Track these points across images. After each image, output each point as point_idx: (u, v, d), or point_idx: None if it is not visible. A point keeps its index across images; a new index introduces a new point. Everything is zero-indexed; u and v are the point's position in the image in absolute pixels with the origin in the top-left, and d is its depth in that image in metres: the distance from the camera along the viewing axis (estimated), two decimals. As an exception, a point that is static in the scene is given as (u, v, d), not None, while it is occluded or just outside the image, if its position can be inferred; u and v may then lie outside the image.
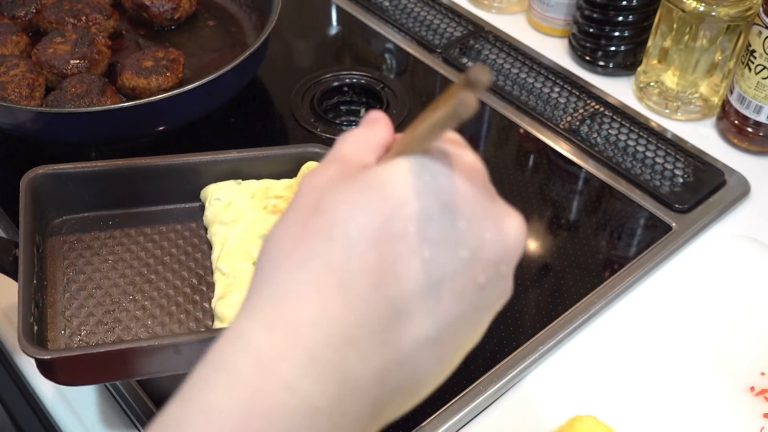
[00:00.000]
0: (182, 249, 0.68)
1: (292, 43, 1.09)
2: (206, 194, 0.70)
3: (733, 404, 0.66)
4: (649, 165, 0.88)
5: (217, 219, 0.67)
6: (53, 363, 0.55)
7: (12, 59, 0.86)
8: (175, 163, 0.69)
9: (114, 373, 0.58)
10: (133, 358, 0.55)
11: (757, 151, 0.91)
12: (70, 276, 0.65)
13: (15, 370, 0.73)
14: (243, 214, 0.67)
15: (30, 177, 0.65)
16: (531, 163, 0.91)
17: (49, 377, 0.57)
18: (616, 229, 0.83)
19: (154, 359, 0.56)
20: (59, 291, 0.63)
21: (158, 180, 0.69)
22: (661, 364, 0.69)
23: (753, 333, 0.71)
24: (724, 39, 0.88)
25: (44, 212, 0.68)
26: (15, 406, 0.86)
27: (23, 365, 0.70)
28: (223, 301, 0.61)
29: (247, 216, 0.67)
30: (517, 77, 0.99)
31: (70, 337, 0.61)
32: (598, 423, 0.63)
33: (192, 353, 0.56)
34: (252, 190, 0.69)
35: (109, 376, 0.59)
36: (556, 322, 0.72)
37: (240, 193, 0.69)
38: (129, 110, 0.79)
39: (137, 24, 1.00)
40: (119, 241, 0.68)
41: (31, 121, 0.81)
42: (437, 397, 0.66)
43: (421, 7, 1.11)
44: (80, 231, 0.68)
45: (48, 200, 0.66)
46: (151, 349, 0.55)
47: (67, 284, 0.64)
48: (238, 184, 0.70)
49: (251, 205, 0.68)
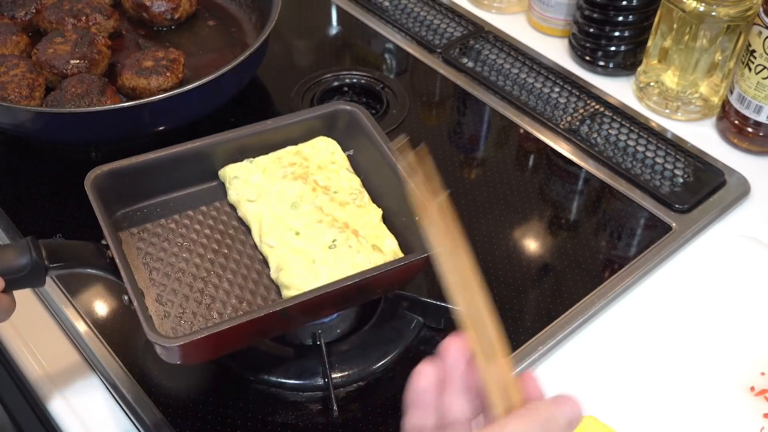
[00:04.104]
0: (219, 228, 0.70)
1: (292, 43, 1.09)
2: (224, 175, 0.73)
3: (733, 404, 0.66)
4: (649, 165, 0.88)
5: (243, 197, 0.70)
6: (182, 348, 0.57)
7: (12, 59, 0.87)
8: (193, 147, 0.71)
9: (231, 345, 0.63)
10: (249, 328, 0.59)
11: (757, 151, 0.91)
12: (150, 264, 0.67)
13: (15, 371, 0.73)
14: (267, 189, 0.70)
15: (93, 177, 0.67)
16: (531, 163, 0.91)
17: (172, 360, 0.59)
18: (616, 229, 0.83)
19: (266, 326, 0.61)
20: (145, 279, 0.66)
21: (181, 166, 0.72)
22: (661, 364, 0.69)
23: (753, 333, 0.72)
24: (724, 39, 0.88)
25: (110, 208, 0.69)
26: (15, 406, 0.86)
27: (24, 365, 0.70)
28: (284, 272, 0.65)
29: (271, 190, 0.70)
30: (517, 77, 0.99)
31: (176, 320, 0.63)
32: (598, 423, 0.63)
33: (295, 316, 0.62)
34: (264, 165, 0.73)
35: (227, 349, 0.63)
36: (556, 322, 0.72)
37: (255, 169, 0.72)
38: (129, 110, 0.79)
39: (137, 24, 1.00)
40: (172, 227, 0.70)
41: (31, 121, 0.81)
42: (437, 397, 0.66)
43: (421, 7, 1.11)
44: (142, 222, 0.70)
45: (110, 196, 0.67)
46: (266, 318, 0.58)
47: (151, 273, 0.67)
48: (251, 163, 0.73)
49: (269, 178, 0.71)
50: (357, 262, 0.65)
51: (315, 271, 0.65)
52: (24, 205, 0.82)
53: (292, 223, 0.68)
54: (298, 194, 0.70)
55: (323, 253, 0.66)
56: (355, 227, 0.68)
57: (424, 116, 0.96)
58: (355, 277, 0.61)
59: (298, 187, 0.70)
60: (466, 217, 0.82)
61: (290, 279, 0.64)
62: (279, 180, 0.71)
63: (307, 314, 0.64)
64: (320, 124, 0.76)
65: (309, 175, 0.72)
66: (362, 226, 0.68)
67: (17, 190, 0.85)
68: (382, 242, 0.68)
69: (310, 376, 0.67)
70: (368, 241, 0.67)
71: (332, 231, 0.67)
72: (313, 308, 0.63)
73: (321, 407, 0.66)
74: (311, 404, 0.66)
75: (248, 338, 0.64)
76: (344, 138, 0.76)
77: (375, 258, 0.66)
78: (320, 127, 0.76)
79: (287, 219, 0.68)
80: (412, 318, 0.71)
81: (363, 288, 0.63)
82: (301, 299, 0.60)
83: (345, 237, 0.67)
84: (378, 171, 0.72)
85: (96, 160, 0.89)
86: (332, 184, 0.71)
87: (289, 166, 0.72)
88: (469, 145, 0.94)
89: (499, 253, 0.79)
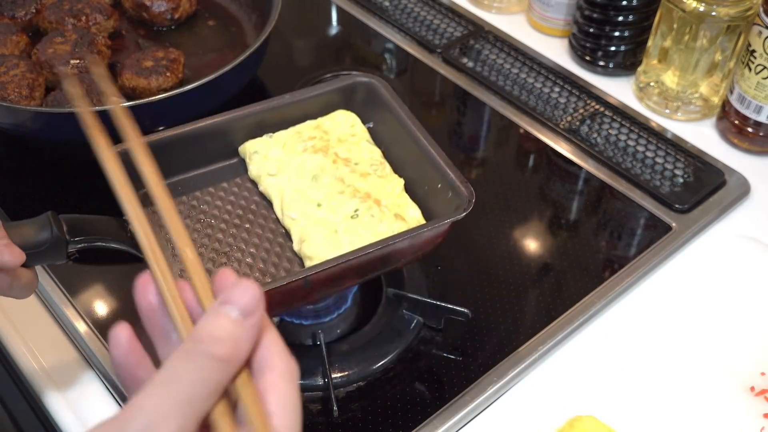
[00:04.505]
0: (241, 204, 0.71)
1: (292, 43, 1.09)
2: (244, 150, 0.73)
3: (733, 404, 0.66)
4: (649, 165, 0.88)
5: (264, 172, 0.71)
6: None
7: (12, 59, 0.86)
8: (211, 124, 0.71)
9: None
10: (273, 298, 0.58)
11: (757, 151, 0.91)
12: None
13: (14, 369, 0.73)
14: (287, 163, 0.71)
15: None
16: (531, 163, 0.91)
17: None
18: (616, 229, 0.83)
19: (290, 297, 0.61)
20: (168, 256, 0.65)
21: (200, 143, 0.71)
22: (661, 364, 0.69)
23: (753, 333, 0.72)
24: (724, 39, 0.88)
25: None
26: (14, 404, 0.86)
27: (23, 364, 0.70)
28: (306, 243, 0.65)
29: (291, 163, 0.70)
30: (517, 77, 0.99)
31: None
32: (598, 423, 0.63)
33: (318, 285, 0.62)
34: (283, 140, 0.73)
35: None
36: (556, 322, 0.72)
37: (275, 144, 0.72)
38: (129, 110, 0.79)
39: (137, 24, 1.00)
40: (194, 204, 0.70)
41: (31, 121, 0.81)
42: (437, 397, 0.66)
43: (421, 7, 1.11)
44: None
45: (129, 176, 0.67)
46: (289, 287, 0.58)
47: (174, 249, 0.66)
48: (271, 138, 0.73)
49: (290, 152, 0.71)
50: (380, 231, 0.65)
51: (337, 240, 0.64)
52: (24, 205, 0.82)
53: (313, 195, 0.68)
54: (318, 167, 0.70)
55: (345, 223, 0.65)
56: (377, 197, 0.67)
57: (424, 116, 0.96)
58: (377, 244, 0.60)
59: (319, 159, 0.70)
60: (466, 216, 0.82)
61: (313, 250, 0.64)
62: (299, 154, 0.71)
63: (331, 284, 0.63)
64: (338, 98, 0.75)
65: (329, 147, 0.71)
66: (384, 196, 0.68)
67: (17, 190, 0.85)
68: (404, 211, 0.67)
69: (310, 376, 0.67)
70: (390, 210, 0.67)
71: (354, 201, 0.67)
72: (337, 277, 0.62)
73: (321, 407, 0.66)
74: (311, 404, 0.66)
75: (272, 309, 0.62)
76: (364, 110, 0.75)
77: (398, 226, 0.65)
78: (339, 101, 0.75)
79: (308, 191, 0.68)
80: (412, 318, 0.71)
81: (386, 256, 0.62)
82: (323, 267, 0.59)
83: (367, 206, 0.66)
84: (399, 142, 0.72)
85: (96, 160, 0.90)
86: (353, 156, 0.71)
87: (309, 140, 0.72)
88: (469, 145, 0.94)
89: (499, 253, 0.79)
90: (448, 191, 0.65)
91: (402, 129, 0.71)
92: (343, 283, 0.65)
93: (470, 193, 0.63)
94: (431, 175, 0.67)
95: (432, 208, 0.68)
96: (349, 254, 0.59)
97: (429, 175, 0.68)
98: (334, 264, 0.59)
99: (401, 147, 0.71)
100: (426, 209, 0.68)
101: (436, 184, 0.67)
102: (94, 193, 0.84)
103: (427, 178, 0.68)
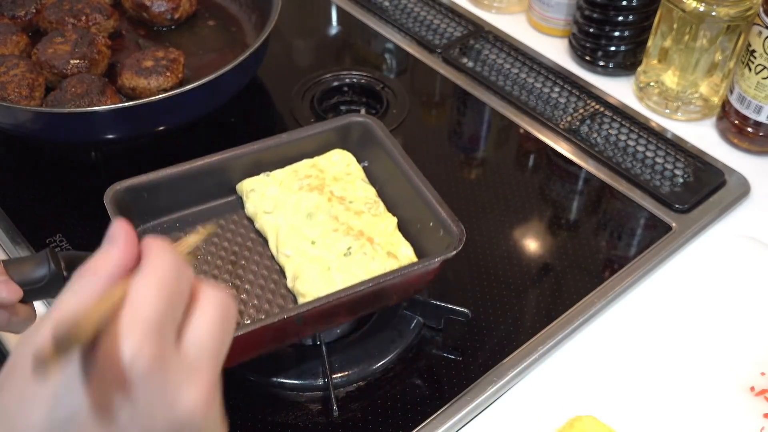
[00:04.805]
0: (237, 241, 0.71)
1: (292, 43, 1.09)
2: (242, 188, 0.74)
3: (733, 404, 0.66)
4: (649, 165, 0.88)
5: (260, 209, 0.71)
6: None
7: (12, 59, 0.86)
8: (210, 162, 0.72)
9: (247, 352, 0.63)
10: (265, 335, 0.60)
11: (757, 151, 0.91)
12: None
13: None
14: (283, 201, 0.71)
15: (112, 193, 0.67)
16: (531, 163, 0.91)
17: None
18: (616, 229, 0.83)
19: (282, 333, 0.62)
20: None
21: (198, 180, 0.72)
22: (661, 364, 0.69)
23: (753, 333, 0.72)
24: (724, 39, 0.88)
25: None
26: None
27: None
28: (300, 280, 0.66)
29: (287, 201, 0.71)
30: (517, 77, 0.99)
31: None
32: (598, 423, 0.63)
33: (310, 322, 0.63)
34: (280, 179, 0.73)
35: (243, 356, 0.63)
36: (556, 322, 0.72)
37: (272, 182, 0.73)
38: (129, 110, 0.79)
39: (137, 24, 1.00)
40: None
41: (31, 121, 0.81)
42: (437, 396, 0.66)
43: (421, 7, 1.11)
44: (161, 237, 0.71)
45: (129, 212, 0.68)
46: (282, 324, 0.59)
47: None
48: (268, 176, 0.74)
49: (286, 190, 0.72)
50: (372, 269, 0.65)
51: (330, 278, 0.65)
52: (24, 205, 0.82)
53: (307, 233, 0.69)
54: (314, 205, 0.71)
55: (338, 261, 0.66)
56: (371, 235, 0.68)
57: (424, 116, 0.96)
58: (369, 282, 0.61)
59: (314, 197, 0.71)
60: (466, 217, 0.82)
61: (306, 287, 0.65)
62: (295, 192, 0.72)
63: (323, 320, 0.64)
64: (334, 137, 0.76)
65: (325, 186, 0.72)
66: (377, 234, 0.69)
67: (17, 190, 0.85)
68: (397, 249, 0.68)
69: (310, 376, 0.67)
70: (383, 248, 0.67)
71: (347, 239, 0.68)
72: (329, 314, 0.63)
73: (321, 407, 0.66)
74: (311, 404, 0.66)
75: (265, 345, 0.64)
76: (359, 149, 0.76)
77: (390, 264, 0.66)
78: (334, 140, 0.76)
79: (303, 228, 0.69)
80: (412, 318, 0.71)
81: (378, 293, 0.63)
82: (315, 305, 0.60)
83: (360, 244, 0.67)
84: (393, 180, 0.73)
85: (96, 160, 0.90)
86: (348, 195, 0.72)
87: (305, 178, 0.73)
88: (469, 145, 0.94)
89: (499, 253, 0.79)
90: (439, 229, 0.66)
91: (395, 168, 0.72)
92: (336, 319, 0.66)
93: (461, 231, 0.64)
94: (423, 214, 0.68)
95: (424, 245, 0.68)
96: (339, 292, 0.60)
97: (421, 213, 0.68)
98: (325, 302, 0.60)
99: (395, 185, 0.72)
100: (418, 247, 0.69)
101: (428, 222, 0.68)
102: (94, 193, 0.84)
103: (419, 216, 0.69)
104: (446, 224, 0.66)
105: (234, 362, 0.63)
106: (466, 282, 0.76)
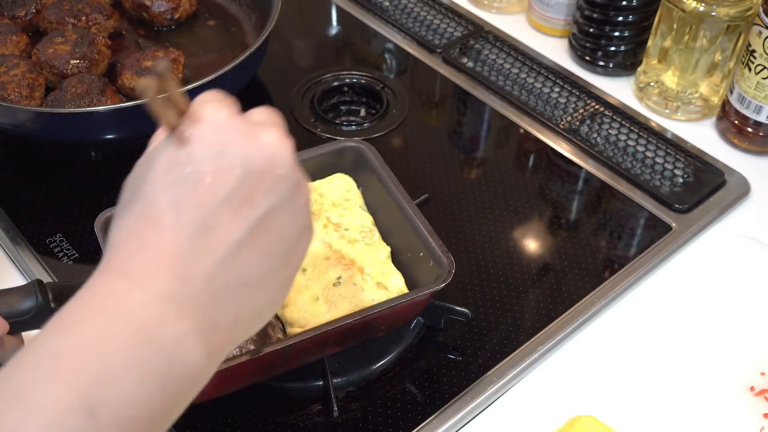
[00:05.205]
0: None
1: (292, 43, 1.09)
2: None
3: (733, 404, 0.66)
4: (649, 165, 0.88)
5: None
6: None
7: (12, 59, 0.86)
8: None
9: (234, 384, 0.63)
10: (252, 367, 0.60)
11: (757, 151, 0.91)
12: None
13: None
14: None
15: (102, 220, 0.66)
16: (531, 163, 0.91)
17: None
18: (616, 229, 0.83)
19: (269, 365, 0.62)
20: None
21: None
22: (661, 364, 0.69)
23: (753, 333, 0.72)
24: (724, 39, 0.88)
25: None
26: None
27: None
28: (289, 309, 0.65)
29: None
30: (517, 77, 0.99)
31: None
32: (598, 423, 0.63)
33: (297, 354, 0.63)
34: None
35: (231, 388, 0.63)
36: (556, 322, 0.72)
37: None
38: (129, 110, 0.79)
39: (137, 24, 1.00)
40: None
41: (31, 121, 0.81)
42: (437, 397, 0.66)
43: (421, 7, 1.11)
44: None
45: None
46: (268, 356, 0.59)
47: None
48: None
49: None
50: (360, 300, 0.65)
51: (318, 307, 0.65)
52: (24, 205, 0.82)
53: None
54: None
55: (327, 291, 0.66)
56: (362, 264, 0.68)
57: (424, 116, 0.96)
58: (356, 314, 0.61)
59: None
60: (466, 217, 0.82)
61: (294, 315, 0.65)
62: None
63: (310, 352, 0.64)
64: (329, 161, 0.75)
65: (322, 211, 0.72)
66: (369, 264, 0.68)
67: (17, 190, 0.85)
68: (387, 280, 0.68)
69: (310, 376, 0.67)
70: (373, 279, 0.67)
71: (338, 268, 0.67)
72: (316, 346, 0.63)
73: (321, 407, 0.66)
74: (311, 404, 0.66)
75: (252, 377, 0.64)
76: (353, 174, 0.76)
77: (379, 295, 0.66)
78: (330, 164, 0.76)
79: None
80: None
81: (366, 325, 0.63)
82: (300, 338, 0.59)
83: (350, 274, 0.67)
84: (385, 207, 0.72)
85: (96, 160, 0.90)
86: (344, 222, 0.71)
87: None
88: (469, 145, 0.94)
89: (499, 253, 0.79)
90: (429, 260, 0.66)
91: (387, 195, 0.71)
92: (323, 350, 0.65)
93: (450, 263, 0.64)
94: (414, 243, 0.68)
95: (415, 274, 0.68)
96: (326, 325, 0.60)
97: (412, 242, 0.68)
98: (312, 334, 0.59)
99: (387, 213, 0.72)
100: (410, 276, 0.69)
101: (419, 252, 0.67)
102: (94, 193, 0.84)
103: (410, 246, 0.68)
104: (436, 255, 0.65)
105: (218, 393, 0.63)
106: (466, 282, 0.76)
